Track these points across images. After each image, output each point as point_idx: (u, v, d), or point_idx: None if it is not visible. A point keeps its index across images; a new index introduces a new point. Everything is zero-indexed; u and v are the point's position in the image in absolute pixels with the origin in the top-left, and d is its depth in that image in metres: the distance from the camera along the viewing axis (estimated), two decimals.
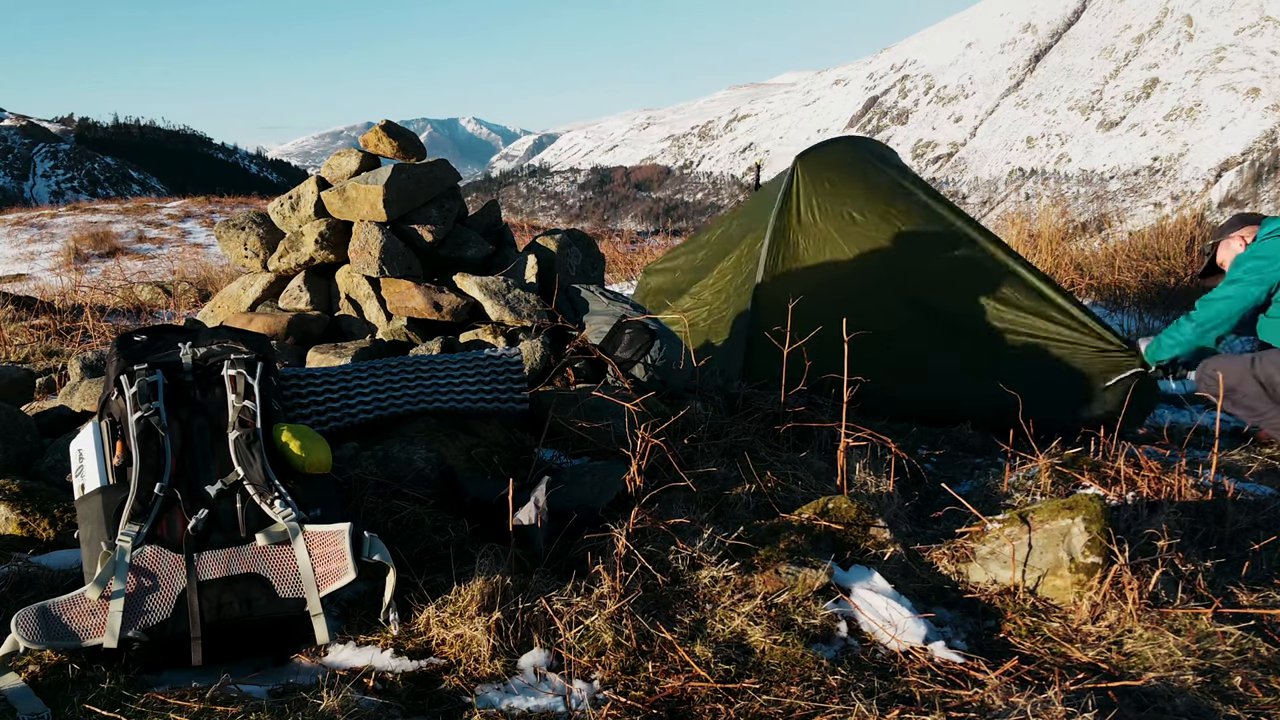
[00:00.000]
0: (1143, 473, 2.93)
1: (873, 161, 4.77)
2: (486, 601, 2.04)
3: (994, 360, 4.17)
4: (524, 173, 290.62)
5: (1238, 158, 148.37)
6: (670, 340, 3.54)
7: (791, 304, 3.56)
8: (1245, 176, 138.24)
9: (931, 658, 2.02)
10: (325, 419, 2.74)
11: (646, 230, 18.36)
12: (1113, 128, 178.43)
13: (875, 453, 3.06)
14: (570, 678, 1.89)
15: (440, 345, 3.38)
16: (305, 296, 3.74)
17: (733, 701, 1.83)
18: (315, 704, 1.71)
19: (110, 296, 8.90)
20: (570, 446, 3.04)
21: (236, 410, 2.10)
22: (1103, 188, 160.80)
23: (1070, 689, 1.89)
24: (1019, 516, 2.46)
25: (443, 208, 3.77)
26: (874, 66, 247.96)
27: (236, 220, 3.90)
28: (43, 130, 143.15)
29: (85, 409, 3.08)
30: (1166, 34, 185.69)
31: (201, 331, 2.29)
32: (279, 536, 1.99)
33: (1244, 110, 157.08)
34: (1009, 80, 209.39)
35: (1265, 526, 2.75)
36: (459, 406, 2.93)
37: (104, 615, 1.84)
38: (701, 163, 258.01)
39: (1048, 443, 3.29)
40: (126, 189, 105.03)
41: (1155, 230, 8.59)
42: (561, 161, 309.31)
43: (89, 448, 2.05)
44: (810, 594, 2.20)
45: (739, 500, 2.73)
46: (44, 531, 2.34)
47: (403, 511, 2.40)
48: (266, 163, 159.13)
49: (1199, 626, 2.20)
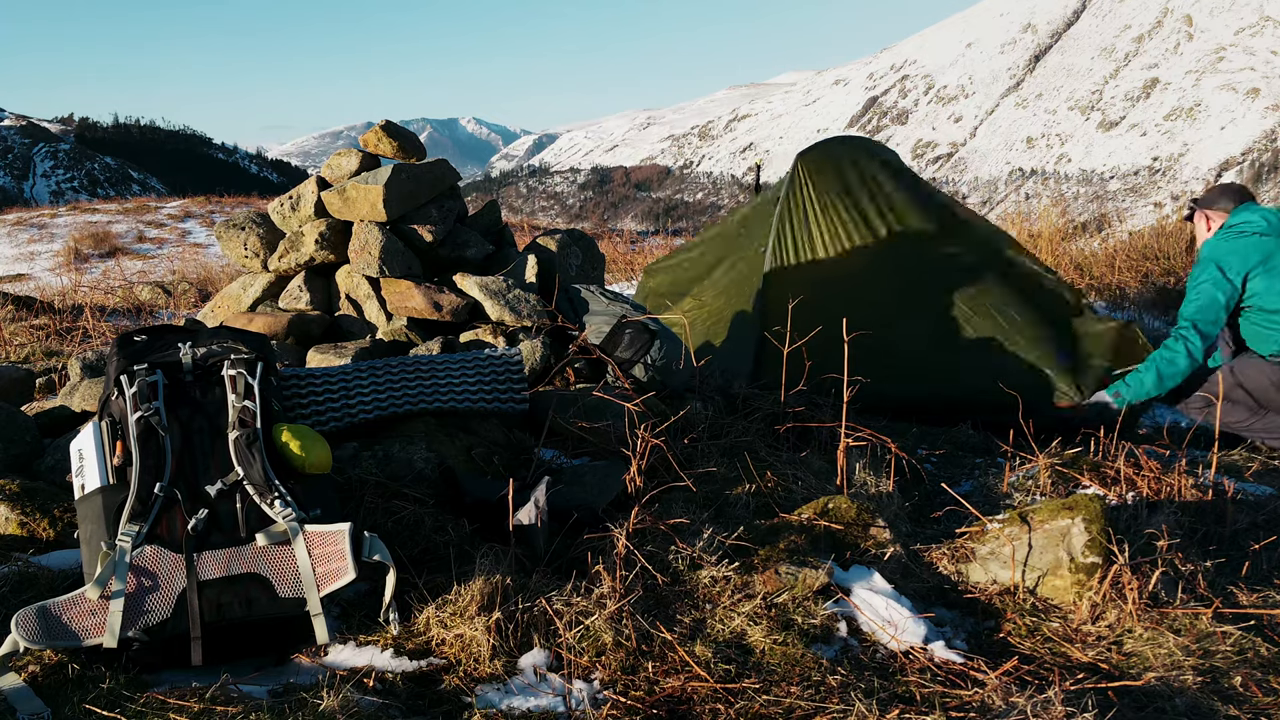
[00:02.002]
0: (1143, 473, 2.93)
1: (875, 161, 4.78)
2: (486, 601, 2.04)
3: (994, 359, 4.17)
4: (524, 173, 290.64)
5: (1238, 158, 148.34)
6: (670, 340, 3.54)
7: (792, 304, 3.56)
8: (1245, 176, 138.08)
9: (931, 658, 2.02)
10: (325, 419, 2.74)
11: (646, 230, 18.36)
12: (1113, 128, 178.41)
13: (875, 453, 3.06)
14: (570, 678, 1.89)
15: (440, 345, 3.38)
16: (305, 296, 3.74)
17: (733, 701, 1.83)
18: (315, 704, 1.71)
19: (110, 296, 8.90)
20: (570, 446, 3.04)
21: (236, 410, 2.10)
22: (1103, 188, 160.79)
23: (1070, 689, 1.89)
24: (1019, 516, 2.46)
25: (443, 208, 3.77)
26: (874, 66, 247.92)
27: (236, 220, 3.90)
28: (43, 130, 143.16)
29: (85, 409, 3.08)
30: (1166, 34, 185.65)
31: (201, 331, 2.29)
32: (279, 536, 1.99)
33: (1244, 110, 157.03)
34: (1009, 80, 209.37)
35: (1265, 526, 2.75)
36: (459, 406, 2.93)
37: (104, 615, 1.84)
38: (701, 163, 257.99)
39: (1048, 443, 3.29)
40: (126, 189, 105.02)
41: (1155, 230, 8.59)
42: (561, 161, 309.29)
43: (89, 448, 2.05)
44: (810, 594, 2.20)
45: (739, 500, 2.73)
46: (44, 531, 2.34)
47: (403, 511, 2.40)
48: (266, 163, 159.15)
49: (1199, 626, 2.20)
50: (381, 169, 3.62)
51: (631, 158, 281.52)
